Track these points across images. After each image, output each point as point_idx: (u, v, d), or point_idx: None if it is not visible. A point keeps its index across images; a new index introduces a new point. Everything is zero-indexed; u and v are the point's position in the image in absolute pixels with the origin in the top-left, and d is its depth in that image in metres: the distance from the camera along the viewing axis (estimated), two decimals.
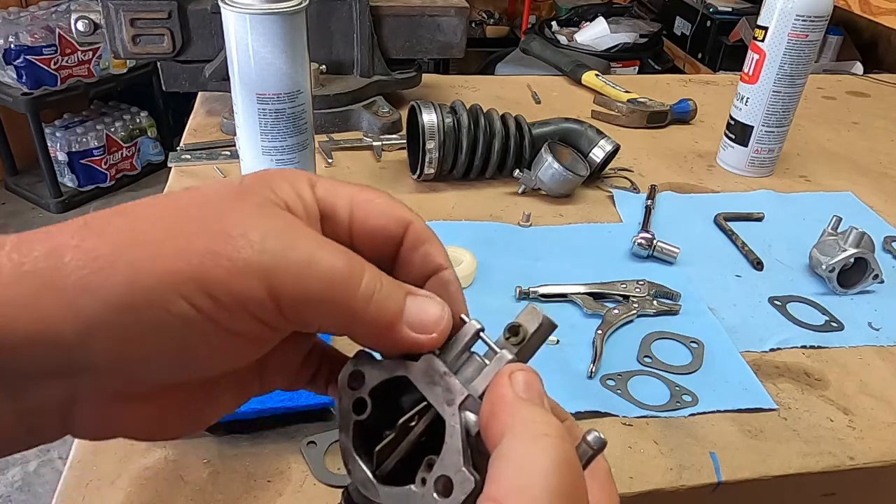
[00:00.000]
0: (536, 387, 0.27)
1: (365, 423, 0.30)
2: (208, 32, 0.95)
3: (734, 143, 0.97)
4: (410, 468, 0.28)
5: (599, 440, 0.27)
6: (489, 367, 0.28)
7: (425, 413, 0.29)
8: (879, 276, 0.73)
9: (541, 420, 0.25)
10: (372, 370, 0.30)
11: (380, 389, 0.30)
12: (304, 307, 0.25)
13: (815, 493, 0.56)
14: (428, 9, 1.02)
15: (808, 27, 0.87)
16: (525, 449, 0.24)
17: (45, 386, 0.24)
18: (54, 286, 0.22)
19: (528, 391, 0.27)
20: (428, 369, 0.28)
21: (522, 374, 0.28)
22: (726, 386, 0.60)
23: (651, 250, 0.76)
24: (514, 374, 0.27)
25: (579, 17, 2.61)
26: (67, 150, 2.71)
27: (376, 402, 0.30)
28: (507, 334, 0.30)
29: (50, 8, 2.64)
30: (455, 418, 0.27)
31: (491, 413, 0.26)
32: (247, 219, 0.25)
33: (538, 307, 0.30)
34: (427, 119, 0.84)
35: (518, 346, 0.29)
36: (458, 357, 0.29)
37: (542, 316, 0.30)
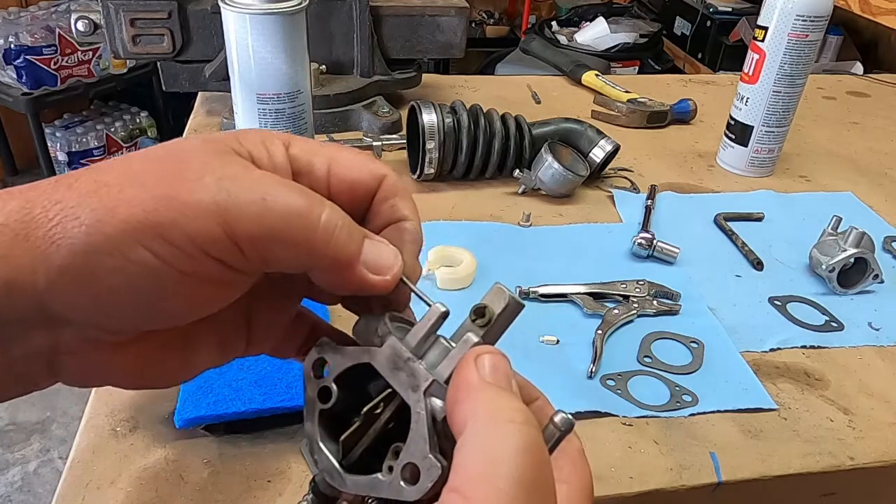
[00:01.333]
0: (503, 369, 0.27)
1: (332, 411, 0.29)
2: (208, 32, 0.95)
3: (734, 143, 0.97)
4: (378, 456, 0.28)
5: (567, 421, 0.27)
6: (454, 350, 0.28)
7: (391, 400, 0.29)
8: (879, 276, 0.73)
9: (506, 405, 0.25)
10: (336, 357, 0.29)
11: (346, 377, 0.29)
12: (263, 244, 0.25)
13: (815, 493, 0.56)
14: (428, 9, 1.02)
15: (808, 27, 0.87)
16: (489, 436, 0.24)
17: (28, 336, 0.25)
18: (26, 237, 0.23)
19: (494, 374, 0.26)
20: (392, 355, 0.28)
21: (489, 356, 0.27)
22: (726, 386, 0.60)
23: (651, 250, 0.76)
24: (479, 358, 0.27)
25: (579, 17, 2.61)
26: (67, 150, 2.71)
27: (343, 389, 0.29)
28: (473, 316, 0.29)
29: (50, 8, 2.64)
30: (420, 404, 0.26)
31: (455, 399, 0.26)
32: (204, 165, 0.25)
33: (504, 287, 0.29)
34: (427, 119, 0.84)
35: (484, 327, 0.29)
36: (424, 342, 0.28)
37: (508, 296, 0.29)
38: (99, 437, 0.52)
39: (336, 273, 0.28)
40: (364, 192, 0.31)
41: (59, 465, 1.81)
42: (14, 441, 1.87)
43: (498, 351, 0.28)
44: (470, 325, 0.29)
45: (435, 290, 0.69)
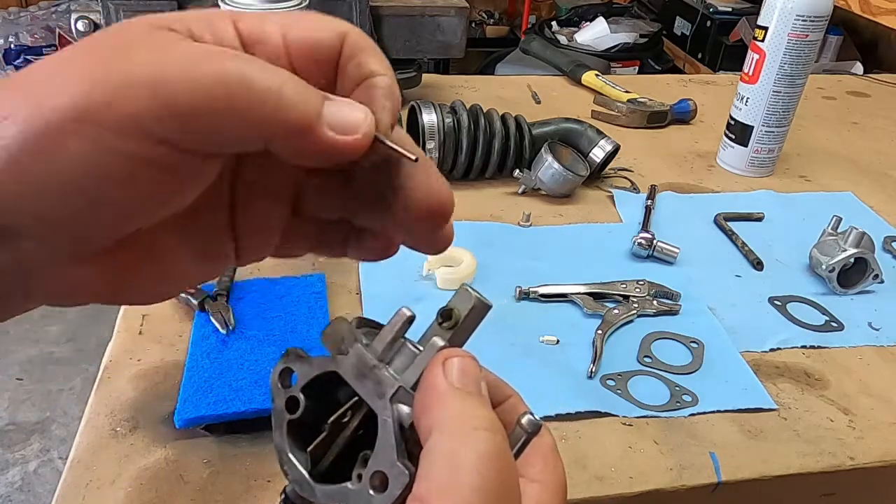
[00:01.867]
0: (472, 373, 0.27)
1: (301, 421, 0.29)
2: None
3: (734, 143, 0.97)
4: (348, 464, 0.28)
5: (533, 423, 0.27)
6: (421, 355, 0.28)
7: (359, 408, 0.29)
8: (879, 276, 0.73)
9: (471, 413, 0.25)
10: (302, 366, 0.29)
11: (314, 385, 0.29)
12: (205, 117, 0.23)
13: (815, 493, 0.56)
14: (428, 9, 1.03)
15: (808, 27, 0.87)
16: (453, 444, 0.24)
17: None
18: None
19: (462, 379, 0.26)
20: (358, 363, 0.28)
21: (457, 360, 0.27)
22: (726, 386, 0.60)
23: (651, 250, 0.76)
24: (447, 362, 0.27)
25: (579, 17, 2.61)
26: None
27: (311, 398, 0.29)
28: (440, 319, 0.29)
29: (50, 8, 2.64)
30: (387, 412, 0.26)
31: (422, 405, 0.26)
32: (136, 44, 0.23)
33: (470, 289, 0.29)
34: (427, 119, 0.84)
35: (451, 330, 0.29)
36: (390, 347, 0.28)
37: (474, 297, 0.29)
38: (99, 437, 0.52)
39: (297, 140, 0.24)
40: (327, 53, 0.27)
41: (59, 465, 1.81)
42: (14, 441, 1.87)
43: (466, 353, 0.27)
44: (437, 329, 0.29)
45: (435, 290, 0.69)
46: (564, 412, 0.56)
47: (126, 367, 0.58)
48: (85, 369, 2.03)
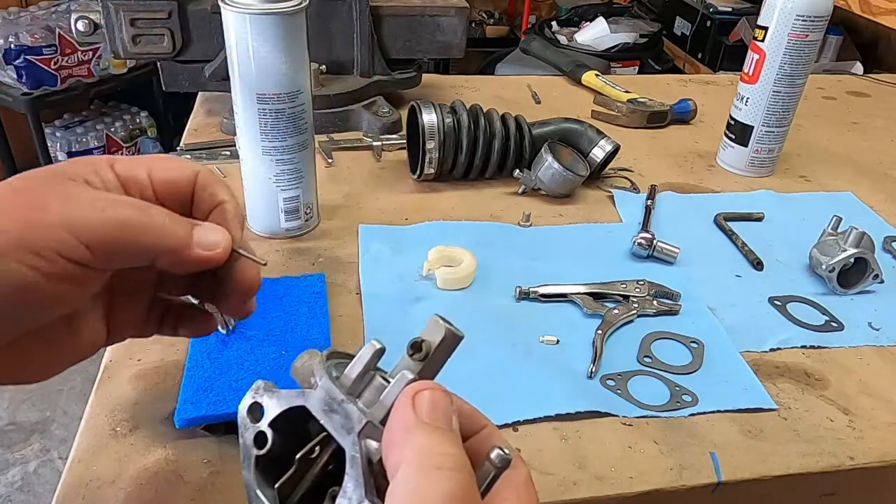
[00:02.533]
0: (442, 406, 0.27)
1: (270, 457, 0.29)
2: (208, 32, 0.95)
3: (734, 143, 0.97)
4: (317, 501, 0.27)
5: (503, 458, 0.27)
6: (390, 387, 0.27)
7: (328, 442, 0.28)
8: (879, 276, 0.73)
9: (437, 451, 0.25)
10: (270, 401, 0.29)
11: (283, 420, 0.29)
12: (111, 246, 0.33)
13: (815, 493, 0.56)
14: (428, 9, 1.02)
15: (808, 27, 0.87)
16: (417, 483, 0.24)
17: None
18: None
19: (431, 413, 0.26)
20: (326, 397, 0.27)
21: (428, 393, 0.27)
22: (726, 386, 0.60)
23: (651, 250, 0.76)
24: (418, 396, 0.27)
25: (579, 17, 2.61)
26: (67, 150, 2.71)
27: (280, 433, 0.29)
28: (410, 351, 0.28)
29: (50, 8, 2.64)
30: (355, 447, 0.26)
31: (389, 441, 0.26)
32: (52, 193, 0.33)
33: (441, 320, 0.28)
34: (427, 119, 0.84)
35: (422, 362, 0.28)
36: (360, 380, 0.28)
37: (445, 328, 0.28)
38: (99, 437, 0.52)
39: (176, 257, 0.35)
40: (184, 187, 0.38)
41: (59, 465, 1.81)
42: (14, 441, 1.87)
43: (437, 386, 0.27)
44: (407, 361, 0.28)
45: (435, 290, 0.69)
46: (564, 412, 0.56)
47: (126, 367, 0.58)
48: (85, 369, 2.02)
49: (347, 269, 0.71)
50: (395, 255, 0.73)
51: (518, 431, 0.55)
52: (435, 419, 0.26)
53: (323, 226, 0.79)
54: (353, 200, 0.85)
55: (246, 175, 0.74)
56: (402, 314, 0.66)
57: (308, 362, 0.30)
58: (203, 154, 0.93)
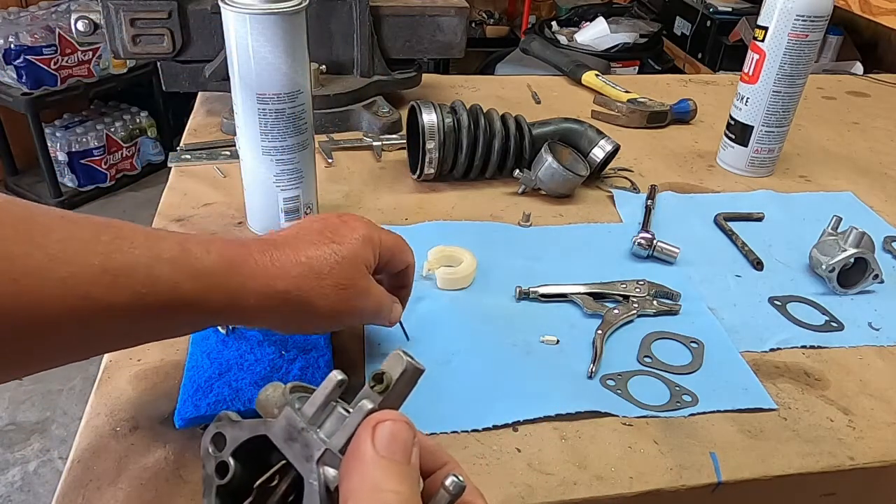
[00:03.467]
0: (402, 439, 0.27)
1: (231, 487, 0.29)
2: (208, 32, 0.95)
3: (734, 143, 0.97)
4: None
5: (457, 484, 0.27)
6: (350, 417, 0.28)
7: (287, 471, 0.28)
8: (879, 276, 0.73)
9: (387, 486, 0.25)
10: (233, 431, 0.29)
11: (246, 450, 0.29)
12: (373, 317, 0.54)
13: (815, 493, 0.56)
14: (428, 9, 1.02)
15: (808, 27, 0.87)
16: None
17: None
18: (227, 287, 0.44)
19: (390, 446, 0.26)
20: (287, 426, 0.28)
21: (389, 424, 0.27)
22: (726, 386, 0.60)
23: (651, 250, 0.76)
24: (378, 426, 0.27)
25: (579, 17, 2.61)
26: (67, 150, 2.71)
27: (243, 463, 0.29)
28: (372, 382, 0.29)
29: (50, 8, 2.64)
30: (313, 475, 0.26)
31: (345, 470, 0.26)
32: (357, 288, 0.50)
33: (403, 353, 0.29)
34: (427, 119, 0.84)
35: (383, 394, 0.28)
36: (321, 411, 0.28)
37: (405, 361, 0.29)
38: (99, 437, 0.52)
39: (381, 322, 0.55)
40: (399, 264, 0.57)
41: (59, 465, 1.81)
42: (14, 441, 1.87)
43: (400, 418, 0.27)
44: (368, 392, 0.28)
45: (435, 290, 0.69)
46: (564, 412, 0.56)
47: (126, 367, 0.58)
48: (85, 369, 2.02)
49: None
50: None
51: (518, 431, 0.55)
52: (392, 452, 0.26)
53: None
54: (353, 200, 0.85)
55: (246, 175, 0.74)
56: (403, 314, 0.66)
57: (271, 394, 0.30)
58: (203, 154, 0.93)
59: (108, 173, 2.83)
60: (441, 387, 0.58)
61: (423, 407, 0.55)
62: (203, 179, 0.87)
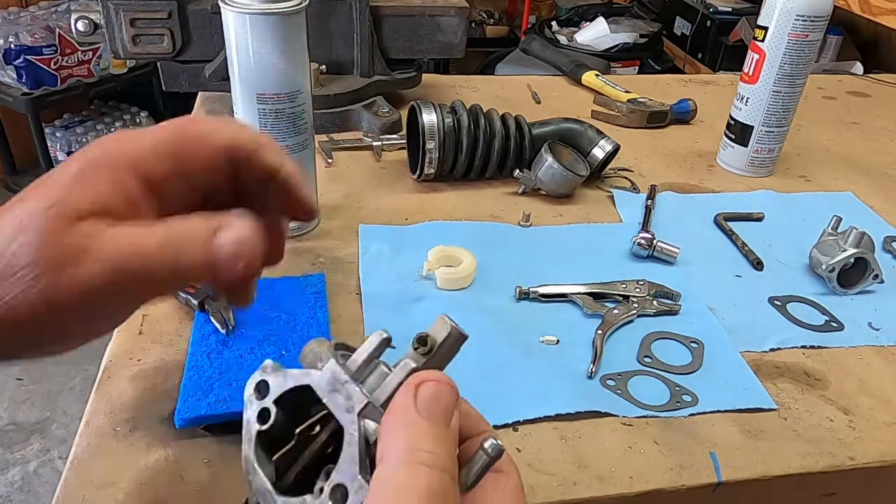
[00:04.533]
0: (444, 402, 0.27)
1: (271, 434, 0.29)
2: (208, 32, 0.95)
3: (734, 143, 0.97)
4: (312, 479, 0.28)
5: (496, 447, 0.27)
6: (392, 375, 0.28)
7: (328, 422, 0.29)
8: (879, 276, 0.73)
9: (424, 446, 0.25)
10: (277, 379, 0.29)
11: (287, 399, 0.29)
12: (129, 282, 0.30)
13: (815, 493, 0.56)
14: (428, 9, 1.02)
15: (808, 27, 0.87)
16: (398, 477, 0.24)
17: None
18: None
19: (431, 405, 0.26)
20: (331, 378, 0.28)
21: (433, 385, 0.27)
22: (726, 386, 0.60)
23: (651, 250, 0.76)
24: (422, 386, 0.26)
25: (579, 17, 2.61)
26: (67, 150, 2.71)
27: (284, 411, 0.29)
28: (416, 344, 0.29)
29: (50, 8, 2.64)
30: (353, 426, 0.26)
31: (385, 427, 0.26)
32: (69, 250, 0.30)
33: (448, 319, 0.29)
34: (427, 119, 0.84)
35: (426, 356, 0.29)
36: (364, 367, 0.29)
37: (450, 326, 0.29)
38: (99, 437, 0.52)
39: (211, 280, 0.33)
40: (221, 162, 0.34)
41: (59, 465, 1.81)
42: (14, 441, 1.87)
43: (445, 379, 0.27)
44: (412, 353, 0.29)
45: (435, 290, 0.69)
46: (564, 412, 0.56)
47: (126, 367, 0.58)
48: (85, 369, 2.03)
49: (347, 269, 0.71)
50: (395, 255, 0.73)
51: (518, 431, 0.55)
52: (432, 413, 0.26)
53: (323, 226, 0.79)
54: (353, 200, 0.85)
55: None
56: (402, 314, 0.66)
57: (316, 349, 0.30)
58: None
59: None
60: None
61: None
62: None
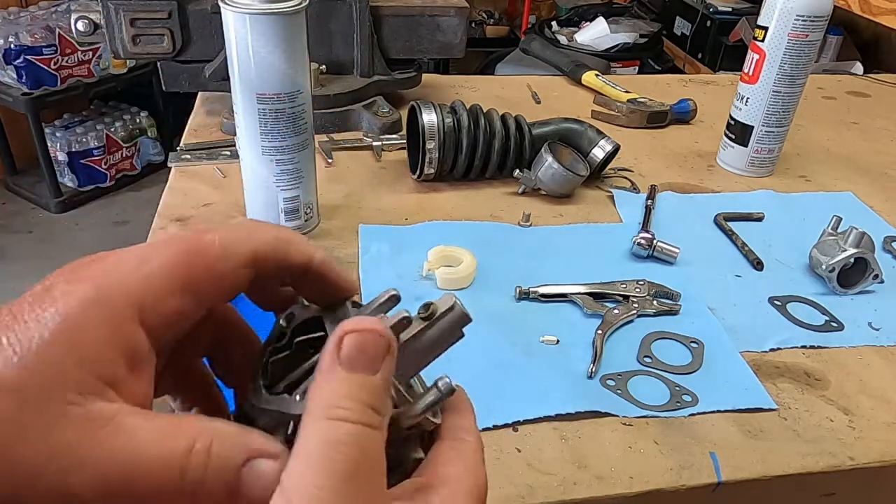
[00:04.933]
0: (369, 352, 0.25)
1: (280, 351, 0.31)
2: (208, 32, 0.95)
3: (734, 143, 0.97)
4: None
5: (448, 385, 0.28)
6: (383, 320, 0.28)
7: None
8: (879, 276, 0.73)
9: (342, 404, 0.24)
10: (301, 312, 0.31)
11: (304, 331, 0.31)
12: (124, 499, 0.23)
13: (815, 493, 0.56)
14: (428, 9, 1.02)
15: (808, 27, 0.87)
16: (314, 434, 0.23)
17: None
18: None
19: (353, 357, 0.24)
20: (338, 312, 0.30)
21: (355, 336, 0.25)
22: (726, 386, 0.60)
23: (651, 250, 0.76)
24: (346, 336, 0.25)
25: (579, 17, 2.61)
26: (67, 150, 2.71)
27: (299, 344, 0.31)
28: (420, 310, 0.29)
29: (50, 8, 2.64)
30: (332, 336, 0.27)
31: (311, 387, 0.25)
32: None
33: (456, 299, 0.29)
34: (427, 119, 0.84)
35: (425, 321, 0.29)
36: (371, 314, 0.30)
37: (455, 301, 0.29)
38: None
39: None
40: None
41: None
42: None
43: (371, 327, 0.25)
44: (414, 317, 0.29)
45: (435, 290, 0.69)
46: (564, 412, 0.56)
47: None
48: None
49: (347, 270, 0.71)
50: (395, 255, 0.73)
51: (518, 431, 0.55)
52: (355, 364, 0.24)
53: (323, 226, 0.79)
54: (353, 200, 0.85)
55: (246, 175, 0.74)
56: None
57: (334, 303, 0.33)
58: (203, 154, 0.93)
59: (108, 173, 2.83)
60: None
61: None
62: (203, 179, 0.87)
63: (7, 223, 2.70)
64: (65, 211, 2.75)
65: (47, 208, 2.75)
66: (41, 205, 2.77)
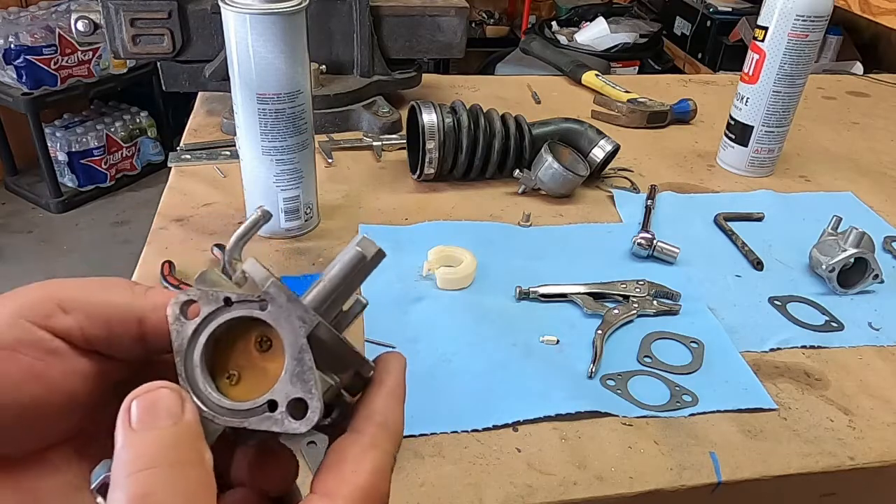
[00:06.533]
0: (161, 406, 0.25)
1: None
2: (208, 32, 0.95)
3: (734, 143, 0.97)
4: None
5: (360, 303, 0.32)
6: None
7: None
8: (879, 276, 0.73)
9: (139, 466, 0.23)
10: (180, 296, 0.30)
11: None
12: None
13: (815, 493, 0.56)
14: (428, 9, 1.02)
15: (808, 27, 0.87)
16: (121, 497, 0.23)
17: None
18: None
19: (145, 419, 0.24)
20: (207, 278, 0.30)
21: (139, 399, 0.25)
22: (726, 386, 0.60)
23: (651, 250, 0.76)
24: (132, 404, 0.25)
25: (579, 17, 2.61)
26: (67, 150, 2.71)
27: None
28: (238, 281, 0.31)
29: (50, 8, 2.64)
30: None
31: None
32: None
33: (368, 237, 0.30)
34: (427, 119, 0.84)
35: None
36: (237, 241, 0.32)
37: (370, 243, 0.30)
38: None
39: None
40: None
41: None
42: None
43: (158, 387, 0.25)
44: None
45: (435, 290, 0.69)
46: (564, 412, 0.56)
47: None
48: None
49: None
50: (395, 255, 0.73)
51: (518, 431, 0.55)
52: (145, 425, 0.24)
53: (323, 226, 0.79)
54: (353, 200, 0.85)
55: (246, 175, 0.74)
56: (402, 314, 0.66)
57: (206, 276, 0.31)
58: (203, 154, 0.93)
59: (108, 173, 2.83)
60: (441, 387, 0.58)
61: (424, 407, 0.55)
62: (203, 179, 0.87)
63: (7, 223, 2.70)
64: (65, 211, 2.75)
65: (47, 208, 2.75)
66: (41, 205, 2.77)
